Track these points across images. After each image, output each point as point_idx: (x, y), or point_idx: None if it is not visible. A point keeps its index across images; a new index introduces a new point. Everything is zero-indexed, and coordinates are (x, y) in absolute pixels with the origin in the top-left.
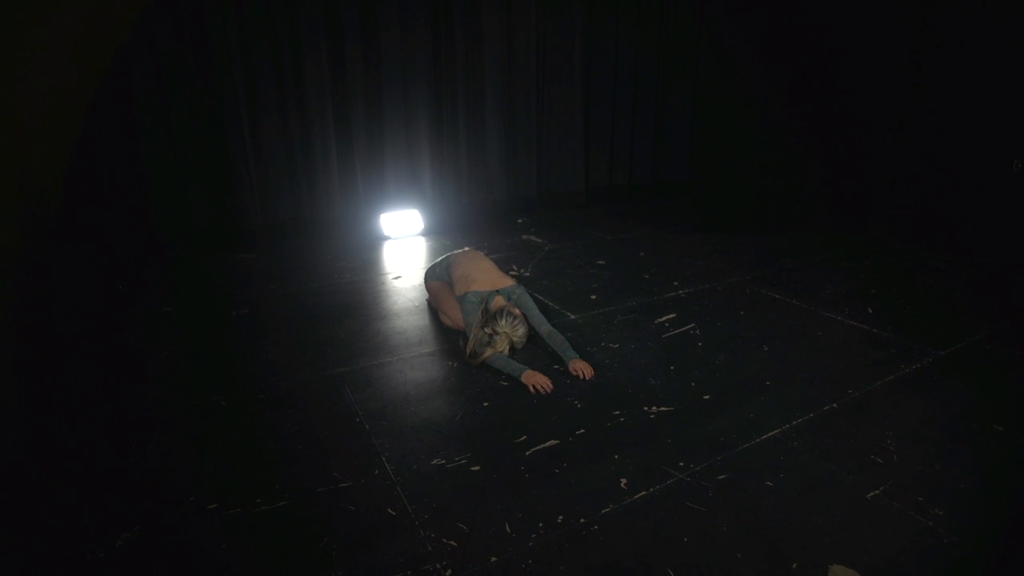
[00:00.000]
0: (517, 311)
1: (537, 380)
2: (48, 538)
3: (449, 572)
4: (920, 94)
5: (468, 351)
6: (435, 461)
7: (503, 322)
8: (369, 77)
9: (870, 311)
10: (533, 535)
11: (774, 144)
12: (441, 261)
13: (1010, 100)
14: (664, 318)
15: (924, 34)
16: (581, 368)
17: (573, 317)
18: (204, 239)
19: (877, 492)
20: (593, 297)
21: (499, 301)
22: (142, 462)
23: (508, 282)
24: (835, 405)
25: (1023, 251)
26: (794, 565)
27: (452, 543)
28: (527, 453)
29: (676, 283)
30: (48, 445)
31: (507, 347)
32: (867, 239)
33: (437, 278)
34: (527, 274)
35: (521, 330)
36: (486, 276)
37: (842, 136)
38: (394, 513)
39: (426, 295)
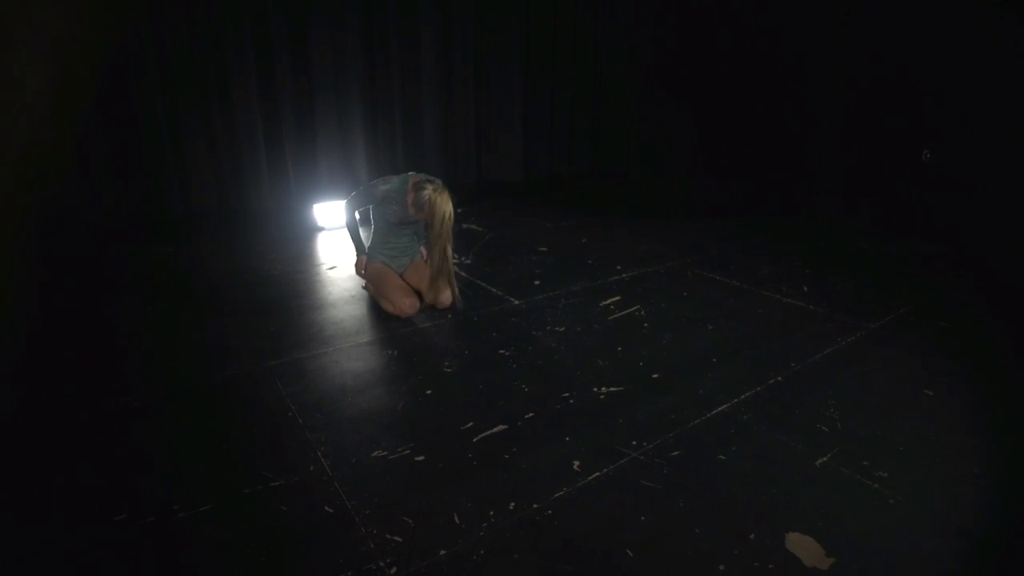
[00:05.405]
0: (438, 182)
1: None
2: None
3: (394, 570)
4: (843, 88)
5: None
6: (376, 453)
7: (428, 187)
8: (296, 59)
9: (806, 289)
10: (484, 524)
11: (706, 135)
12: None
13: (923, 94)
14: (609, 301)
15: (847, 28)
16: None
17: (517, 303)
18: (113, 230)
19: (825, 459)
20: (537, 283)
21: (415, 177)
22: (35, 472)
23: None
24: (780, 378)
25: (937, 233)
26: (752, 536)
27: (396, 539)
28: (474, 440)
29: (619, 267)
30: None
31: (449, 212)
32: (797, 224)
33: (372, 254)
34: (468, 261)
35: (446, 195)
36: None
37: (771, 128)
38: (331, 511)
39: (362, 283)
